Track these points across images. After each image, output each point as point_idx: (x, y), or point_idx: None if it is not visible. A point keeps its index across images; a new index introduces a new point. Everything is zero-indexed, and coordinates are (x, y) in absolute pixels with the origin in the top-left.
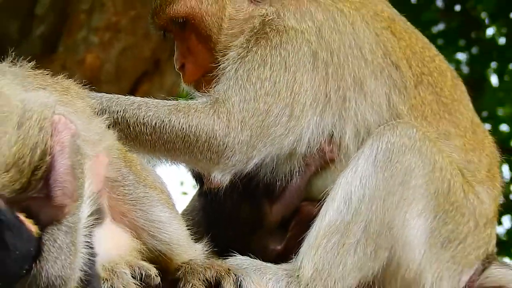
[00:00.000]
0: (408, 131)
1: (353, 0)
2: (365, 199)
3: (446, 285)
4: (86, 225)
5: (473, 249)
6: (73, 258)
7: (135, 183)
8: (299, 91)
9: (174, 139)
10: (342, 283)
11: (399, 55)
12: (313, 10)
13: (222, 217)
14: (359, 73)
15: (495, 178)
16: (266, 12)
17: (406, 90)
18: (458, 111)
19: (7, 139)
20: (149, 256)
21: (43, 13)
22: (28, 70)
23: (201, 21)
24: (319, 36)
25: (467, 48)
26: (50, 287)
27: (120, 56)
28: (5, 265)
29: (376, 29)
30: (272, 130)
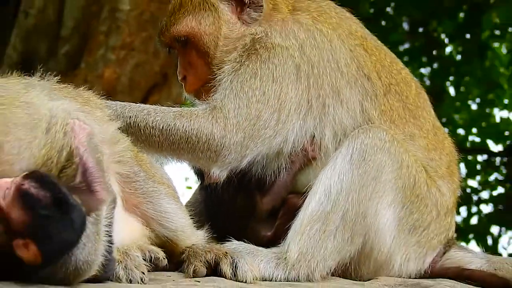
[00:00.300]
0: (379, 134)
1: (331, 22)
2: (342, 192)
3: (412, 265)
4: (106, 216)
5: (435, 234)
6: (97, 245)
7: (145, 179)
8: (285, 99)
9: (178, 140)
10: (323, 264)
11: (370, 68)
12: (296, 30)
13: (220, 208)
14: (336, 83)
15: (454, 173)
16: (256, 31)
17: (376, 98)
18: (421, 116)
19: (37, 143)
20: (158, 242)
21: (67, 35)
22: (54, 83)
23: (200, 40)
24: (302, 51)
25: (429, 64)
26: (77, 270)
27: (133, 71)
28: (68, 233)
29: (351, 46)
30: (262, 132)
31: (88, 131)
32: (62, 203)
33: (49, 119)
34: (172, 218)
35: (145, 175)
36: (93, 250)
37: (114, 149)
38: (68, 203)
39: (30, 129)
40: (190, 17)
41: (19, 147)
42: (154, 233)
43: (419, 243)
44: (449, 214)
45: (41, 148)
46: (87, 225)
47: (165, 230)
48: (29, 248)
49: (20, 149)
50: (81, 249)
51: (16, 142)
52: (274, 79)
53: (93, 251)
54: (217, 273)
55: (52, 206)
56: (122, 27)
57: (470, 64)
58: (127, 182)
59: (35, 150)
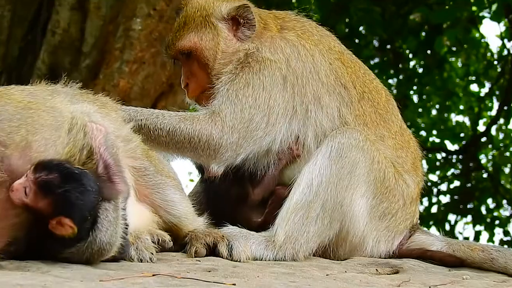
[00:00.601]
0: (354, 134)
1: (313, 39)
2: (322, 184)
3: (383, 247)
4: (123, 203)
5: (402, 220)
6: (117, 228)
7: (154, 173)
8: (274, 105)
9: (182, 140)
10: (306, 245)
11: (347, 78)
12: (283, 45)
13: (218, 198)
14: (318, 91)
15: (418, 168)
16: (249, 47)
17: (352, 104)
18: (390, 120)
19: (61, 141)
20: (165, 227)
21: (88, 51)
22: (76, 90)
23: (201, 53)
24: (288, 64)
25: (395, 75)
26: (101, 250)
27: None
28: (87, 197)
29: (330, 59)
30: (254, 133)
31: (104, 132)
32: (71, 176)
33: (71, 121)
34: (177, 207)
35: (154, 169)
36: (114, 233)
37: (127, 147)
38: (75, 173)
39: (54, 129)
40: (193, 33)
41: (45, 145)
42: (162, 219)
43: (388, 228)
44: (413, 203)
45: (64, 146)
46: (109, 211)
47: (171, 217)
48: (63, 223)
49: (46, 147)
50: (104, 232)
51: (43, 141)
52: (264, 87)
53: (114, 234)
54: (215, 253)
55: (64, 182)
56: (135, 44)
57: (431, 75)
58: (138, 175)
59: (59, 147)
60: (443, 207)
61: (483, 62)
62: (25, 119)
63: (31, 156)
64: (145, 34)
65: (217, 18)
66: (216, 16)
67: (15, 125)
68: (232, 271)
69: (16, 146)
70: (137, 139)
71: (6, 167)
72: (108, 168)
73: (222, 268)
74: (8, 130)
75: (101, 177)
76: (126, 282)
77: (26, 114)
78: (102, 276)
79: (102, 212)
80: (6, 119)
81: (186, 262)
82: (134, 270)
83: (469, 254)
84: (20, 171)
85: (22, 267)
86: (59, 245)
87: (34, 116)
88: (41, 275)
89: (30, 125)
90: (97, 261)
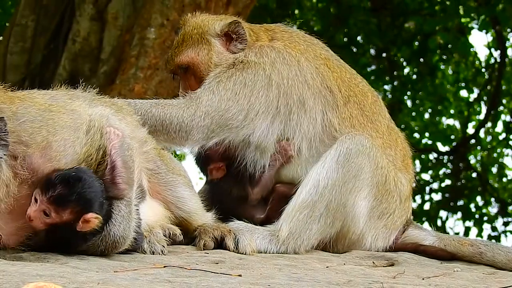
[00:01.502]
0: (362, 141)
1: (299, 48)
2: (328, 186)
3: (380, 243)
4: (136, 198)
5: (398, 217)
6: (130, 222)
7: (166, 171)
8: (255, 102)
9: (155, 123)
10: (307, 242)
11: (333, 82)
12: (269, 51)
13: (222, 197)
14: (303, 94)
15: (409, 166)
16: (239, 56)
17: (338, 108)
18: (377, 120)
19: (79, 142)
20: (175, 221)
21: (106, 58)
22: (94, 94)
23: (197, 67)
24: (273, 66)
25: (390, 82)
26: (114, 243)
27: (157, 86)
28: (94, 186)
29: (316, 64)
30: (229, 122)
31: (121, 136)
32: (72, 179)
33: (89, 123)
34: (187, 203)
35: (166, 168)
36: (127, 227)
37: (142, 148)
38: (72, 175)
39: (73, 130)
40: (190, 49)
41: (65, 145)
42: (173, 215)
43: (386, 226)
44: (407, 200)
45: (82, 146)
46: (121, 207)
47: (181, 212)
48: (88, 219)
49: (65, 147)
50: (117, 226)
51: (62, 141)
52: (246, 84)
53: (127, 228)
54: (223, 246)
55: (72, 187)
56: (149, 51)
57: (423, 82)
58: (152, 174)
59: (78, 148)
60: (435, 205)
61: (472, 69)
62: (46, 120)
63: (51, 155)
64: (159, 42)
65: (211, 35)
66: (211, 33)
67: (37, 126)
68: (238, 263)
69: (37, 146)
70: (151, 141)
71: (28, 165)
72: (113, 169)
73: (229, 260)
74: (30, 130)
75: (105, 179)
76: (139, 273)
77: (47, 116)
78: (116, 267)
79: (115, 208)
80: (29, 120)
81: (195, 254)
82: (147, 262)
83: (459, 249)
84: (41, 169)
85: (41, 258)
86: (80, 240)
87: (55, 118)
88: (60, 266)
89: (50, 126)
90: (112, 253)
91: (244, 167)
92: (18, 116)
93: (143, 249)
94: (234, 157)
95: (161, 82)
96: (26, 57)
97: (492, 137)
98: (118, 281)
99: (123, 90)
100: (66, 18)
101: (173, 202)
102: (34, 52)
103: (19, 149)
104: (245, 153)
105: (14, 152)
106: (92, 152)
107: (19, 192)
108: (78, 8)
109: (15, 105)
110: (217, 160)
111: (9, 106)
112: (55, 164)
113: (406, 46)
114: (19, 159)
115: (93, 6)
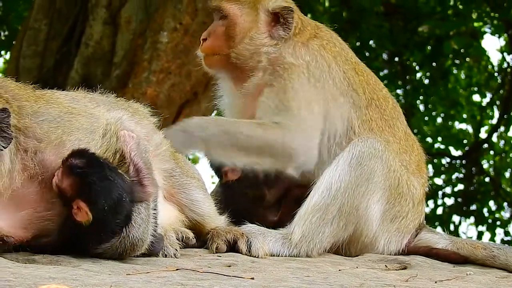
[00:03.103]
0: (375, 144)
1: (334, 50)
2: (341, 189)
3: (393, 247)
4: (153, 201)
5: (411, 221)
6: (148, 225)
7: (181, 174)
8: (310, 101)
9: (259, 147)
10: (320, 245)
11: (358, 85)
12: (303, 53)
13: (236, 198)
14: (334, 94)
15: (422, 170)
16: (271, 50)
17: (360, 109)
18: (395, 125)
19: (94, 144)
20: (189, 224)
21: (118, 62)
22: (112, 98)
23: (234, 26)
24: (308, 69)
25: (403, 86)
26: (133, 246)
27: (170, 90)
28: (106, 186)
29: (344, 69)
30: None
31: (136, 139)
32: (96, 163)
33: (105, 126)
34: (200, 206)
35: (181, 171)
36: (146, 230)
37: (158, 151)
38: (101, 162)
39: (89, 132)
40: (238, 5)
41: (79, 145)
42: (186, 218)
43: (398, 229)
44: (420, 204)
45: (97, 149)
46: (141, 210)
47: (195, 215)
48: (80, 207)
49: (79, 146)
50: (136, 229)
51: (76, 141)
52: (297, 89)
53: (146, 231)
54: (235, 249)
55: (87, 166)
56: (162, 55)
57: (436, 86)
58: (166, 176)
59: (92, 149)
60: (448, 209)
61: (485, 74)
62: (64, 122)
63: (64, 154)
64: (171, 46)
65: (263, 7)
66: (263, 6)
67: (54, 126)
68: (251, 266)
69: (51, 143)
70: (166, 143)
71: (39, 160)
72: (139, 172)
73: (241, 263)
74: (46, 129)
75: (133, 181)
76: (151, 276)
77: (66, 118)
78: (129, 270)
79: (136, 210)
80: (48, 120)
81: (208, 257)
82: (159, 265)
83: (472, 252)
84: (52, 166)
85: (54, 261)
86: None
87: (73, 120)
88: (72, 269)
89: (67, 126)
90: (129, 256)
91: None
92: (38, 115)
93: (155, 252)
94: None
95: (174, 86)
96: (39, 61)
97: (505, 142)
98: (130, 283)
99: (135, 94)
100: (79, 21)
101: (187, 205)
102: (46, 55)
103: (31, 143)
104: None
105: (26, 146)
106: (109, 156)
107: (28, 187)
108: (91, 12)
109: (38, 104)
110: None
111: (31, 105)
112: None
113: (419, 50)
114: (30, 152)
115: (106, 10)
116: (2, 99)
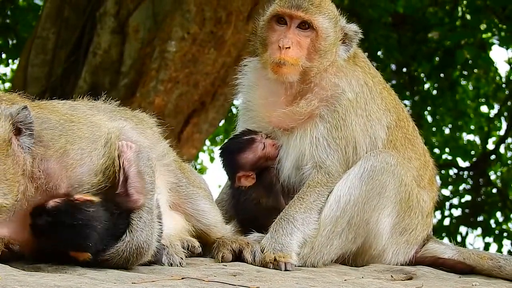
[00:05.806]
0: (387, 158)
1: (370, 72)
2: (350, 202)
3: (401, 258)
4: (157, 208)
5: (420, 232)
6: (153, 230)
7: (187, 184)
8: (356, 138)
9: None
10: (327, 256)
11: (390, 105)
12: (355, 84)
13: (247, 204)
14: (377, 116)
15: (434, 184)
16: (337, 83)
17: (388, 130)
18: (416, 144)
19: (97, 153)
20: (195, 234)
21: (126, 71)
22: (114, 107)
23: (321, 39)
24: (356, 100)
25: (411, 97)
26: (139, 249)
27: (178, 99)
28: (91, 225)
29: (379, 89)
30: None
31: (135, 148)
32: (61, 213)
33: (107, 135)
34: (207, 216)
35: (187, 181)
36: (150, 233)
37: (163, 161)
38: (63, 214)
39: (91, 142)
40: (328, 19)
41: (82, 154)
42: (193, 227)
43: (407, 241)
44: (429, 216)
45: (100, 158)
46: (142, 213)
47: (201, 225)
48: (76, 255)
49: (82, 156)
50: (140, 232)
51: (79, 151)
52: (348, 127)
53: (150, 234)
54: (241, 259)
55: (54, 225)
56: (169, 65)
57: (443, 97)
58: (173, 187)
59: (95, 158)
60: (455, 220)
61: (493, 85)
62: (66, 130)
63: (68, 163)
64: (179, 56)
65: (340, 26)
66: (340, 24)
67: (57, 134)
68: (256, 275)
69: (56, 151)
70: (172, 153)
71: (44, 168)
72: (127, 181)
73: (246, 272)
74: (51, 136)
75: (117, 194)
76: (157, 284)
77: (67, 126)
78: (134, 279)
79: (136, 215)
80: (49, 127)
81: (213, 266)
82: (164, 274)
83: (478, 262)
84: (56, 175)
85: (59, 269)
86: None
87: (74, 128)
88: (78, 277)
89: (69, 136)
90: (137, 262)
91: (277, 178)
92: (39, 121)
93: (161, 261)
94: (268, 169)
95: (182, 95)
96: (47, 70)
97: None
98: None
99: (143, 103)
100: (87, 31)
101: (193, 215)
102: (54, 64)
103: (38, 149)
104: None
105: (33, 152)
106: (110, 164)
107: (34, 197)
108: (99, 21)
109: (35, 111)
110: (248, 169)
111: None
112: (70, 173)
113: (427, 61)
114: (37, 160)
115: (114, 19)
116: (2, 101)
